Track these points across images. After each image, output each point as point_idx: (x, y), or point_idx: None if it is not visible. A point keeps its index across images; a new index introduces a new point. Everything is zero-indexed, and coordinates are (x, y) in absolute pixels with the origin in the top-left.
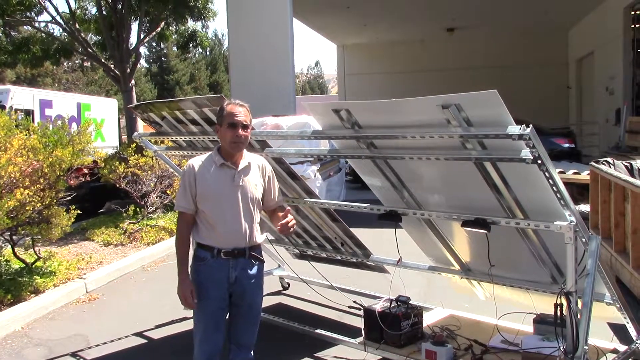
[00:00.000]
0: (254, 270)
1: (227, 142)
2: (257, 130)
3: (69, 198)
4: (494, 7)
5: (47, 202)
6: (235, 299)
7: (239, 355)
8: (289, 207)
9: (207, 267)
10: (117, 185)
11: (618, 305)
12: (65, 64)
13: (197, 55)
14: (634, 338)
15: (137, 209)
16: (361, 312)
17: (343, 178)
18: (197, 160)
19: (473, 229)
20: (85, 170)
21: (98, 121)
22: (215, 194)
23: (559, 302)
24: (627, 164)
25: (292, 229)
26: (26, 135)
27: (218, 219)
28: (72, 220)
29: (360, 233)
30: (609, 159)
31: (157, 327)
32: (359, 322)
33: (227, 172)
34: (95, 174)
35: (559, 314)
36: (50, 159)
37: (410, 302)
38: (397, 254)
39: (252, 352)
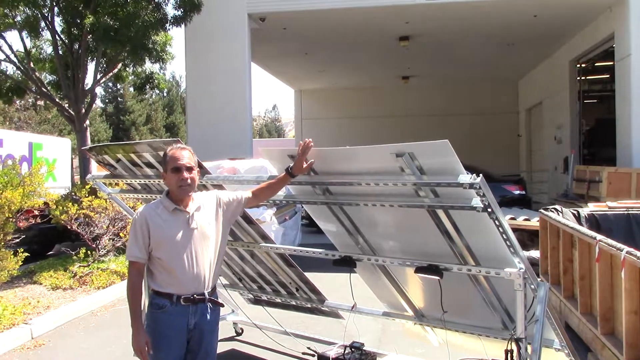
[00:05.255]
0: (212, 316)
1: (174, 187)
2: (213, 174)
3: (17, 240)
4: (447, 58)
5: None
6: (193, 345)
7: None
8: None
9: (167, 315)
10: (69, 227)
11: (567, 351)
12: (17, 102)
13: (154, 96)
14: None
15: (88, 252)
16: (315, 359)
17: (299, 222)
18: (147, 209)
19: (426, 275)
20: (36, 212)
21: (50, 161)
22: (171, 241)
23: (509, 348)
24: (575, 212)
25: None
26: None
27: (176, 266)
28: (20, 263)
29: (315, 278)
30: (557, 207)
31: None
32: None
33: (180, 217)
34: (46, 215)
35: None
36: (0, 201)
37: (364, 348)
38: (352, 300)
39: None
